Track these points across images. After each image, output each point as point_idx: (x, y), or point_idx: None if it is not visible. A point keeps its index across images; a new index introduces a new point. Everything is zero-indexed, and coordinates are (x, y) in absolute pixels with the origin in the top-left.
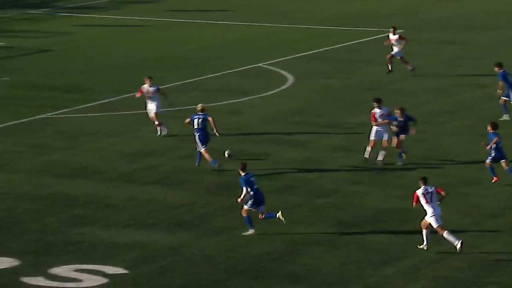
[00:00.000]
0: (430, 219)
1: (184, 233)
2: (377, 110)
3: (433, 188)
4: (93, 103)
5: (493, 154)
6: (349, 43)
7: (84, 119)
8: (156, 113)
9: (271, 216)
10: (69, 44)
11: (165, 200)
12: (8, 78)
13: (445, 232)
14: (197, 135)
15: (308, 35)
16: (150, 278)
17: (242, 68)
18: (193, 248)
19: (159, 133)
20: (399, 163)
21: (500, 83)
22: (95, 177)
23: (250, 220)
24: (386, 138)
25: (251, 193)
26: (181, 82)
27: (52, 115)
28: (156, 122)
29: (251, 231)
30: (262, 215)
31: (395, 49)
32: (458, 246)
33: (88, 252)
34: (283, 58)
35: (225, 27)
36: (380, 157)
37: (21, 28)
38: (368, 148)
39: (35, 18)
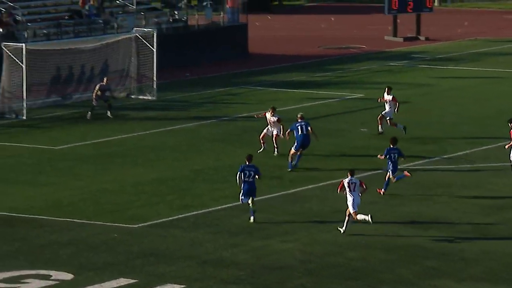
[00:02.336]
0: (350, 206)
1: None
2: None
3: (358, 181)
4: (448, 155)
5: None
6: None
7: (439, 171)
8: (277, 135)
9: None
10: (426, 95)
11: None
12: (365, 130)
13: (359, 215)
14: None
15: None
16: None
17: None
18: None
19: (275, 153)
20: None
21: None
22: (449, 229)
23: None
24: None
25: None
26: None
27: (408, 166)
28: (275, 144)
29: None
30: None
31: (387, 109)
32: (370, 219)
33: None
34: None
35: None
36: None
37: (381, 80)
38: None
39: (395, 70)
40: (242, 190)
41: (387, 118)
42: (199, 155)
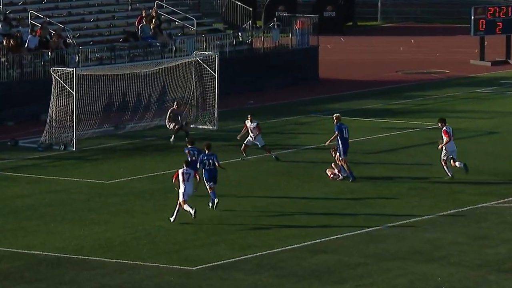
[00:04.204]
0: (180, 194)
1: None
2: None
3: (192, 171)
4: None
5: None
6: None
7: None
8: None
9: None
10: None
11: None
12: None
13: (185, 205)
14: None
15: None
16: None
17: None
18: None
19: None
20: None
21: None
22: None
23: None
24: None
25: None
26: None
27: (496, 203)
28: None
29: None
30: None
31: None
32: (193, 214)
33: None
34: None
35: None
36: None
37: (466, 108)
38: None
39: (482, 97)
40: (204, 179)
41: (260, 146)
42: (263, 190)
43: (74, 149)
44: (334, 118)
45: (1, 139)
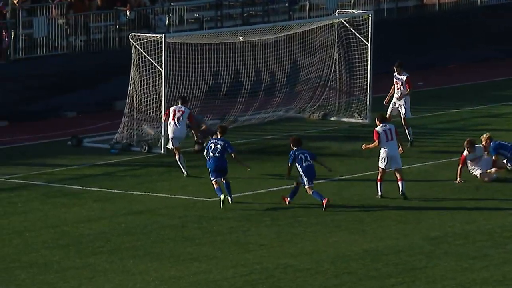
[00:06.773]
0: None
1: None
2: None
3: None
4: None
5: None
6: None
7: None
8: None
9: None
10: None
11: None
12: None
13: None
14: None
15: None
16: None
17: None
18: None
19: None
20: None
21: None
22: None
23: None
24: None
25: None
26: None
27: None
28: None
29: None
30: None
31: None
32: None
33: None
34: None
35: None
36: None
37: None
38: None
39: None
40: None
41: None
42: (440, 215)
43: (163, 151)
44: None
45: (59, 137)
